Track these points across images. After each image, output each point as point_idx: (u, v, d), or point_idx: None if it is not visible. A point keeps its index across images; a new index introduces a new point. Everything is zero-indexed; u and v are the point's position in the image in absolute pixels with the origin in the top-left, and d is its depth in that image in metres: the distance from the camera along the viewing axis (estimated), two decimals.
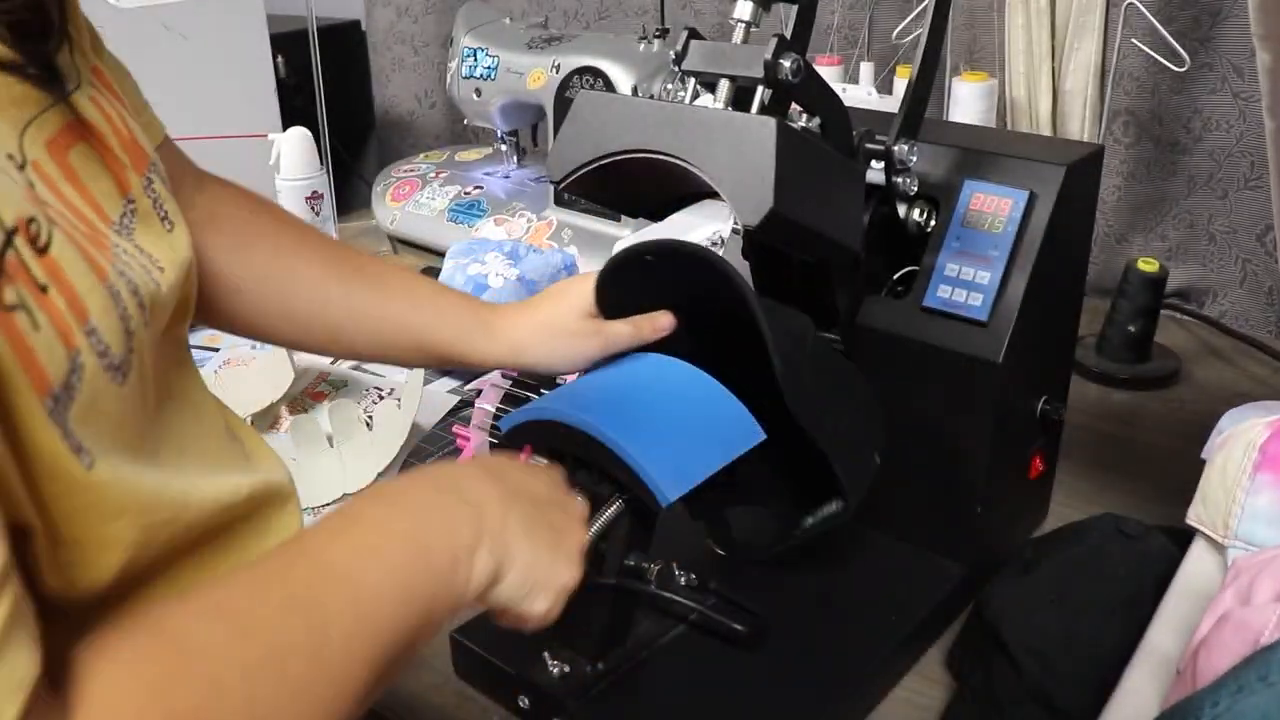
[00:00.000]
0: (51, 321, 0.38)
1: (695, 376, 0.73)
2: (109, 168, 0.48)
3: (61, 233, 0.40)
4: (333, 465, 0.99)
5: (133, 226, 0.48)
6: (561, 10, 1.80)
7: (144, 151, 0.51)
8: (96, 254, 0.42)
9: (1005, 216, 0.75)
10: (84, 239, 0.42)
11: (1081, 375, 1.16)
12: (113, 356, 0.41)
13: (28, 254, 0.37)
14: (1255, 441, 0.67)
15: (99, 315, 0.40)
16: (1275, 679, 0.45)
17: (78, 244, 0.41)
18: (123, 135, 0.50)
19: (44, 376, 0.37)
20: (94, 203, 0.46)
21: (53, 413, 0.38)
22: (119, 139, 0.49)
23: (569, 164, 0.69)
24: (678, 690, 0.71)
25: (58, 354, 0.38)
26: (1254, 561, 0.61)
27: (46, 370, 0.37)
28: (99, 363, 0.40)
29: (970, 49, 1.41)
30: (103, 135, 0.48)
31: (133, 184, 0.49)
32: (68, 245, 0.40)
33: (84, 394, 0.39)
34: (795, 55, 0.64)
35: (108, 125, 0.49)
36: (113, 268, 0.43)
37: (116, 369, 0.41)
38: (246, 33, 1.58)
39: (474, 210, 1.50)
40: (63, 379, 0.38)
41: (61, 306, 0.38)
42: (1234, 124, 1.25)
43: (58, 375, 0.38)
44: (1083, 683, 0.67)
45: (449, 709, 0.75)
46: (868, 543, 0.84)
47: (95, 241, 0.43)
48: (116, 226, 0.47)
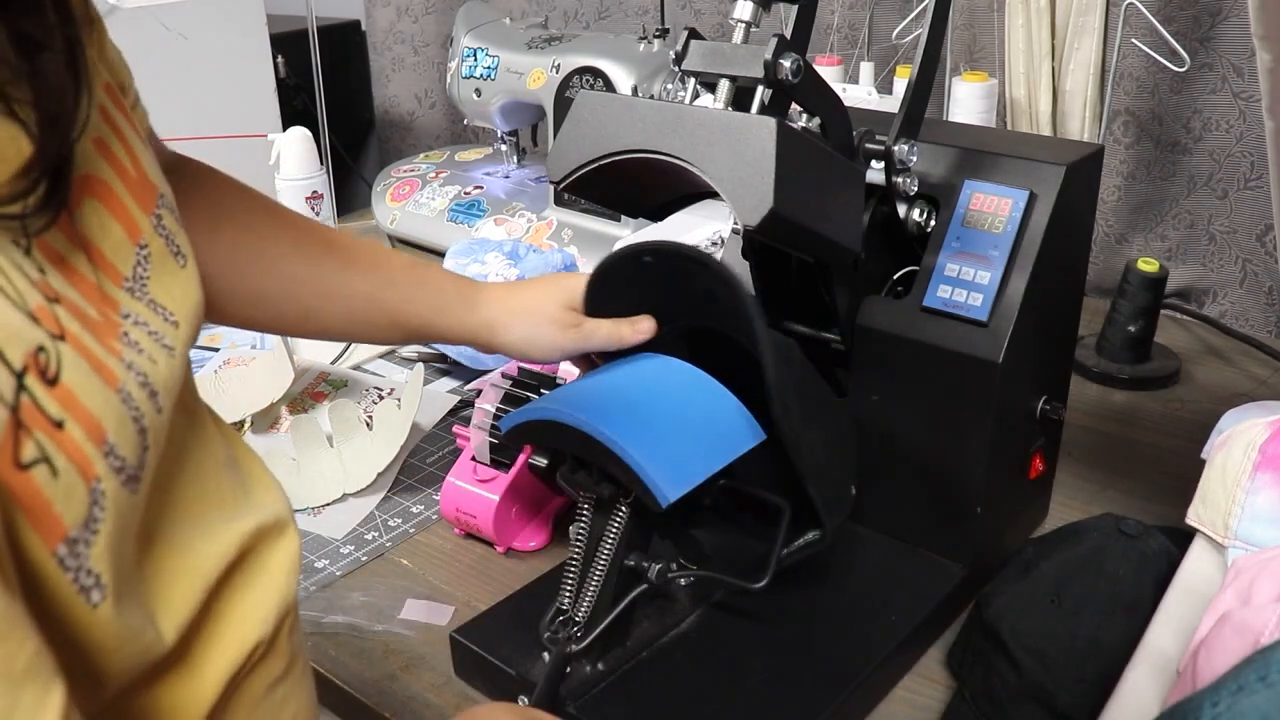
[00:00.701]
0: (70, 460, 0.37)
1: (696, 377, 0.73)
2: (118, 218, 0.46)
3: (71, 346, 0.38)
4: (333, 465, 0.99)
5: (146, 276, 0.46)
6: (561, 10, 1.80)
7: (152, 185, 0.48)
8: (105, 356, 0.40)
9: (1005, 216, 0.75)
10: (92, 339, 0.40)
11: (1081, 375, 1.16)
12: (129, 468, 0.40)
13: (40, 392, 0.36)
14: (1255, 441, 0.67)
15: (115, 429, 0.39)
16: (1275, 679, 0.45)
17: (87, 352, 0.39)
18: (131, 178, 0.47)
19: (59, 526, 0.37)
20: (105, 262, 0.44)
21: (66, 559, 0.37)
22: (127, 183, 0.47)
23: (569, 164, 0.69)
24: (678, 690, 0.71)
25: (77, 495, 0.37)
26: (1254, 561, 0.61)
27: (63, 519, 0.37)
28: (117, 480, 0.39)
29: (970, 49, 1.41)
30: (110, 188, 0.46)
31: (143, 228, 0.47)
32: (79, 362, 0.39)
33: (108, 523, 0.39)
34: (795, 55, 0.64)
35: (115, 173, 0.46)
36: (122, 364, 0.41)
37: (133, 478, 0.41)
38: (246, 33, 1.58)
39: (474, 210, 1.50)
40: (82, 519, 0.38)
41: (79, 437, 0.38)
42: (1234, 124, 1.25)
43: (77, 518, 0.37)
44: (1083, 683, 0.67)
45: (449, 709, 0.75)
46: (868, 543, 0.84)
47: (104, 333, 0.41)
48: (129, 283, 0.45)
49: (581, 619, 0.70)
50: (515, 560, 0.90)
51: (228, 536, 0.50)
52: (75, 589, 0.38)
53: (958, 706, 0.72)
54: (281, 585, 0.52)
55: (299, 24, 1.58)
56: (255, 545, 0.52)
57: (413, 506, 0.98)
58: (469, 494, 0.89)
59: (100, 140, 0.46)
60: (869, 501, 0.84)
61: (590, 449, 0.67)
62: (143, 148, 0.49)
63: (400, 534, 0.94)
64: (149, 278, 0.46)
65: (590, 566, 0.71)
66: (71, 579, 0.38)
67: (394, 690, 0.76)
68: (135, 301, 0.45)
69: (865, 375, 0.81)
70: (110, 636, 0.40)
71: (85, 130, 0.44)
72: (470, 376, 1.18)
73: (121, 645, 0.41)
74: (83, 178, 0.44)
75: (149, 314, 0.45)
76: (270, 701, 0.52)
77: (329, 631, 0.82)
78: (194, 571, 0.48)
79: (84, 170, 0.44)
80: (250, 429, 1.04)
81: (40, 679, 0.34)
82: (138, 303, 0.45)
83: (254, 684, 0.51)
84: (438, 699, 0.76)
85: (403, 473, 1.02)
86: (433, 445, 1.07)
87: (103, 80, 0.49)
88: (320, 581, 0.88)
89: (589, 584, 0.71)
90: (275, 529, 0.53)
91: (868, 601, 0.78)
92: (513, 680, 0.72)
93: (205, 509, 0.50)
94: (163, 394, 0.44)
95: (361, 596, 0.86)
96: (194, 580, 0.47)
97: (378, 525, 0.95)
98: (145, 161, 0.49)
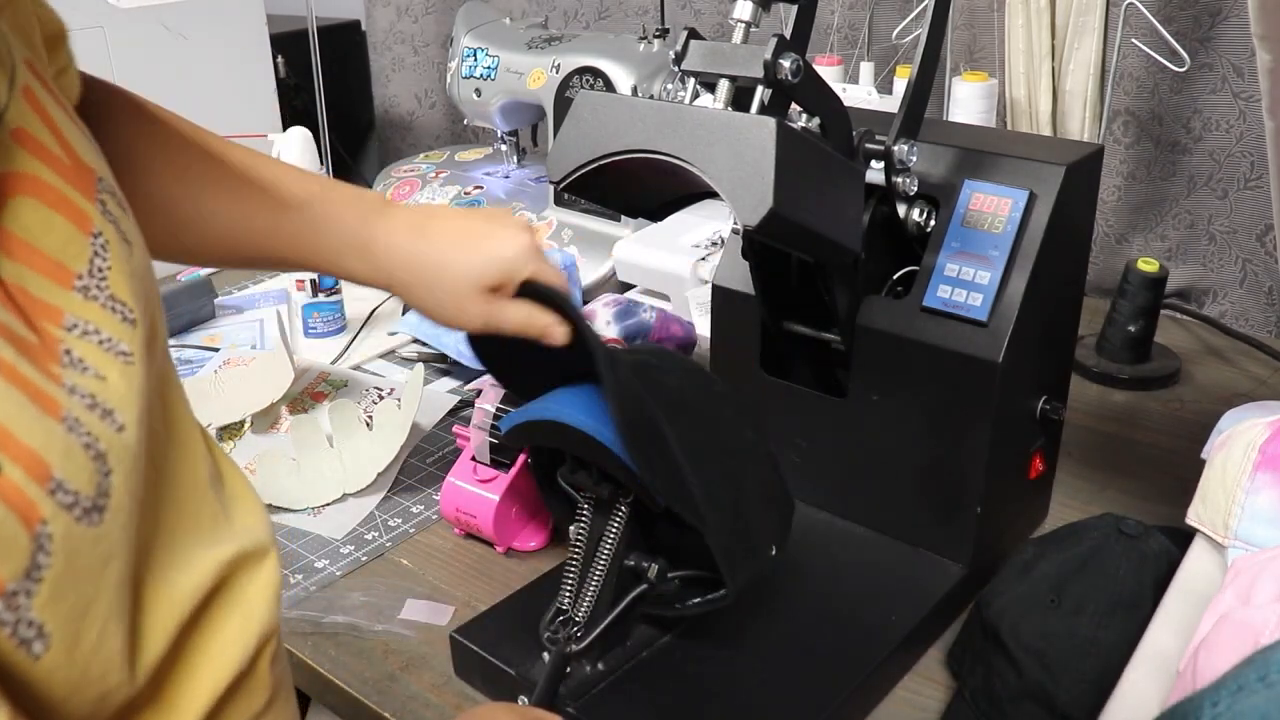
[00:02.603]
0: (9, 508, 0.34)
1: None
2: (60, 210, 0.41)
3: (4, 379, 0.35)
4: (333, 465, 0.99)
5: (106, 268, 0.42)
6: (561, 10, 1.80)
7: (89, 169, 0.44)
8: (44, 383, 0.37)
9: (1005, 216, 0.75)
10: (29, 366, 0.37)
11: (1081, 375, 1.16)
12: (85, 499, 0.37)
13: None
14: (1255, 441, 0.67)
15: (61, 461, 0.36)
16: (1275, 679, 0.45)
17: (23, 381, 0.36)
18: (64, 165, 0.42)
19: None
20: (49, 264, 0.40)
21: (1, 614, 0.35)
22: (60, 171, 0.42)
23: (569, 164, 0.69)
24: (678, 690, 0.71)
25: (18, 545, 0.35)
26: (1254, 561, 0.61)
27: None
28: (69, 517, 0.36)
29: (970, 49, 1.41)
30: (40, 180, 0.41)
31: (92, 215, 0.42)
32: (11, 394, 0.35)
33: (55, 568, 0.36)
34: (795, 55, 0.64)
35: (43, 163, 0.41)
36: (63, 390, 0.38)
37: (91, 509, 0.38)
38: (246, 33, 1.58)
39: None
40: (22, 570, 0.35)
41: (18, 479, 0.35)
42: (1234, 124, 1.25)
43: (16, 569, 0.35)
44: (1083, 683, 0.67)
45: (449, 709, 0.75)
46: (868, 543, 0.84)
47: (41, 358, 0.38)
48: (84, 280, 0.41)
49: (581, 619, 0.70)
50: (515, 560, 0.90)
51: (204, 565, 0.47)
52: (14, 643, 0.36)
53: (958, 706, 0.72)
54: (260, 615, 0.49)
55: (299, 24, 1.58)
56: (233, 574, 0.49)
57: (413, 506, 0.98)
58: (469, 494, 0.89)
59: (20, 131, 0.41)
60: (869, 501, 0.84)
61: (590, 449, 0.67)
62: (71, 127, 0.44)
63: (400, 534, 0.94)
64: (109, 269, 0.42)
65: (590, 566, 0.71)
66: (9, 633, 0.35)
67: (394, 690, 0.76)
68: (88, 304, 0.41)
69: (865, 375, 0.81)
70: (59, 685, 0.38)
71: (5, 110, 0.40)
72: (470, 376, 1.18)
73: (73, 693, 0.39)
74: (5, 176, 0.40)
75: (102, 317, 0.41)
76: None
77: (329, 631, 0.82)
78: (168, 603, 0.44)
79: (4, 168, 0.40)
80: (250, 429, 1.04)
81: None
82: (91, 304, 0.41)
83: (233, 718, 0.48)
84: (438, 699, 0.76)
85: (403, 473, 1.02)
86: (433, 445, 1.07)
87: (23, 56, 0.44)
88: (320, 581, 0.88)
89: (589, 584, 0.71)
90: (255, 555, 0.50)
91: (868, 601, 0.78)
92: (513, 680, 0.72)
93: (183, 535, 0.47)
94: (120, 410, 0.40)
95: (361, 596, 0.86)
96: (169, 613, 0.44)
97: (378, 525, 0.95)
98: (77, 143, 0.44)
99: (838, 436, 0.84)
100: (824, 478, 0.86)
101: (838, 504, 0.86)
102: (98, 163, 0.45)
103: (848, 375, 0.82)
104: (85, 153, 0.44)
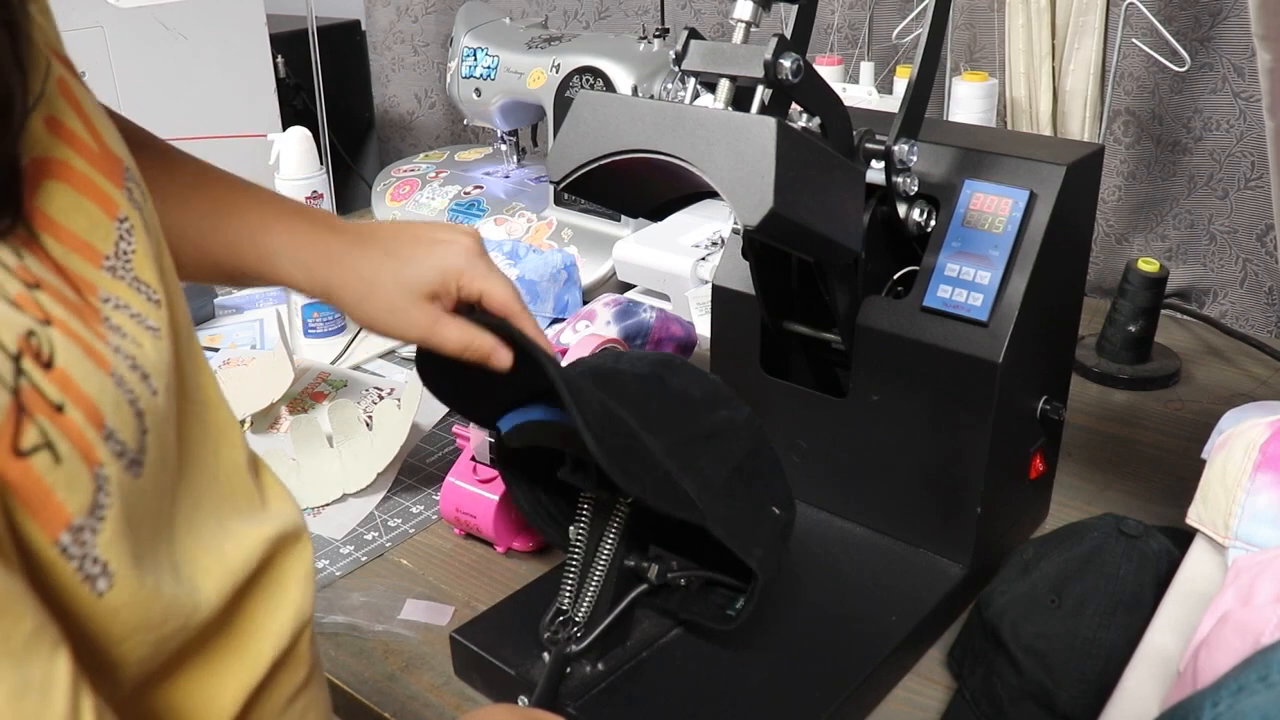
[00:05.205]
0: (74, 446, 0.36)
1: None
2: (88, 195, 0.43)
3: (60, 330, 0.37)
4: (333, 465, 0.99)
5: (131, 251, 0.44)
6: (561, 10, 1.80)
7: (116, 158, 0.45)
8: (93, 340, 0.39)
9: (1005, 216, 0.75)
10: (79, 323, 0.39)
11: (1081, 375, 1.16)
12: (130, 452, 0.39)
13: (38, 376, 0.35)
14: (1255, 441, 0.67)
15: (112, 412, 0.38)
16: (1275, 679, 0.45)
17: (75, 335, 0.38)
18: (92, 152, 0.44)
19: (61, 514, 0.36)
20: (81, 244, 0.42)
21: (69, 547, 0.36)
22: (89, 158, 0.44)
23: (569, 164, 0.69)
24: (678, 690, 0.71)
25: (81, 481, 0.36)
26: (1254, 561, 0.61)
27: (66, 506, 0.36)
28: (119, 465, 0.38)
29: (970, 49, 1.41)
30: (70, 166, 0.43)
31: (119, 201, 0.44)
32: (70, 345, 0.37)
33: (114, 508, 0.38)
34: (795, 55, 0.64)
35: (74, 150, 0.43)
36: (109, 348, 0.40)
37: (134, 462, 0.40)
38: (246, 33, 1.58)
39: (474, 210, 1.50)
40: (88, 506, 0.37)
41: (80, 421, 0.36)
42: (1234, 124, 1.25)
43: (82, 505, 0.36)
44: (1083, 683, 0.67)
45: (449, 709, 0.75)
46: (868, 543, 0.84)
47: (88, 317, 0.40)
48: (111, 261, 0.43)
49: (581, 619, 0.70)
50: (515, 560, 0.90)
51: (251, 541, 0.49)
52: (80, 578, 0.37)
53: (958, 706, 0.72)
54: (298, 597, 0.51)
55: (299, 24, 1.58)
56: (275, 554, 0.51)
57: (413, 506, 0.98)
58: (469, 494, 0.89)
59: (53, 119, 0.43)
60: (869, 501, 0.84)
61: (590, 449, 0.67)
62: (102, 116, 0.46)
63: (400, 534, 0.94)
64: (134, 252, 0.44)
65: (590, 566, 0.71)
66: (76, 567, 0.37)
67: (394, 690, 0.76)
68: (116, 282, 0.43)
69: (865, 375, 0.81)
70: (120, 624, 0.39)
71: (35, 110, 0.41)
72: None
73: (131, 634, 0.40)
74: (36, 161, 0.41)
75: (130, 294, 0.43)
76: (291, 713, 0.52)
77: (329, 631, 0.82)
78: (221, 568, 0.47)
79: (36, 153, 0.41)
80: (250, 429, 1.04)
81: (43, 651, 0.34)
82: (119, 283, 0.43)
83: (275, 696, 0.50)
84: (438, 699, 0.76)
85: (403, 473, 1.02)
86: (433, 445, 1.07)
87: (54, 48, 0.45)
88: (320, 581, 0.88)
89: (589, 584, 0.71)
90: (292, 538, 0.52)
91: (868, 601, 0.78)
92: (513, 680, 0.72)
93: (230, 511, 0.49)
94: (154, 376, 0.42)
95: (361, 596, 0.86)
96: (222, 577, 0.46)
97: (377, 525, 0.95)
98: (106, 133, 0.46)
99: (838, 436, 0.84)
100: (824, 478, 0.86)
101: (838, 504, 0.86)
102: (124, 152, 0.47)
103: (848, 375, 0.82)
104: (114, 142, 0.46)
